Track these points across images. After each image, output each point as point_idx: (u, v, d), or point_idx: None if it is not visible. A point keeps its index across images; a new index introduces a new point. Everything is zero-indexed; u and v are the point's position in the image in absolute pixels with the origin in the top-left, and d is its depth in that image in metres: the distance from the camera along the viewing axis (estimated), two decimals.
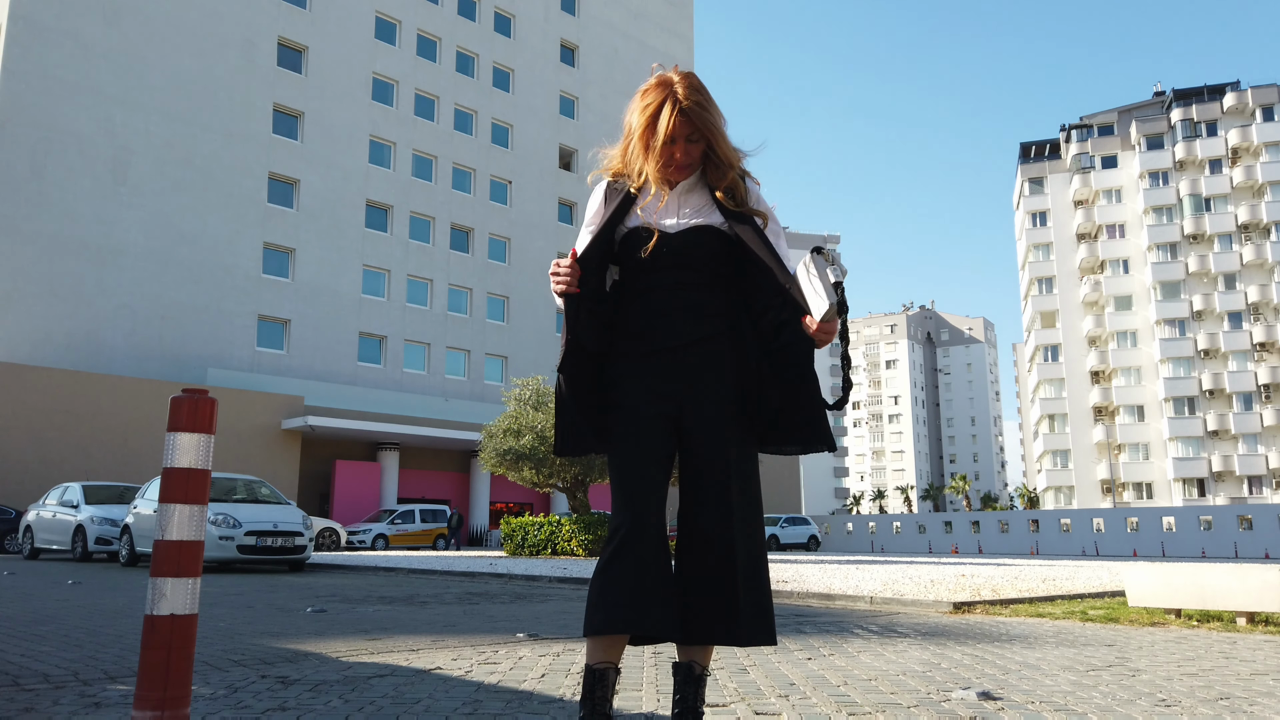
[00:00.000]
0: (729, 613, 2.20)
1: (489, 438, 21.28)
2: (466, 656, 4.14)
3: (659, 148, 2.25)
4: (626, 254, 2.36)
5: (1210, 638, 5.26)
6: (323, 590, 9.08)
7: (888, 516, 44.22)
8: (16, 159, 30.46)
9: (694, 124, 2.25)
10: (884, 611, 7.13)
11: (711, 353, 2.30)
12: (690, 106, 2.24)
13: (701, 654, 2.28)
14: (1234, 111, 68.70)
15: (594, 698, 2.17)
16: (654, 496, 2.23)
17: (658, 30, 52.19)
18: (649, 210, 2.34)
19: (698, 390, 2.29)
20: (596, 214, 2.40)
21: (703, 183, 2.37)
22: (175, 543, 2.30)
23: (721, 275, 2.35)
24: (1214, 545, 34.15)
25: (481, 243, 42.62)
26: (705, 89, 2.29)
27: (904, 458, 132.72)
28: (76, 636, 4.87)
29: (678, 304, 2.30)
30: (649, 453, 2.25)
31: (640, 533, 2.19)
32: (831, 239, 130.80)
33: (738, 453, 2.30)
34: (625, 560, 2.16)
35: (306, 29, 38.23)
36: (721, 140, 2.30)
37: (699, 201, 2.36)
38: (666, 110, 2.23)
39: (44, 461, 27.57)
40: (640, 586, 2.15)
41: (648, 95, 2.30)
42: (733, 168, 2.34)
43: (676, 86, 2.27)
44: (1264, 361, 64.96)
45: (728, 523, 2.23)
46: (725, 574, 2.21)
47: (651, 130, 2.25)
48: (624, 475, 2.24)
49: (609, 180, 2.44)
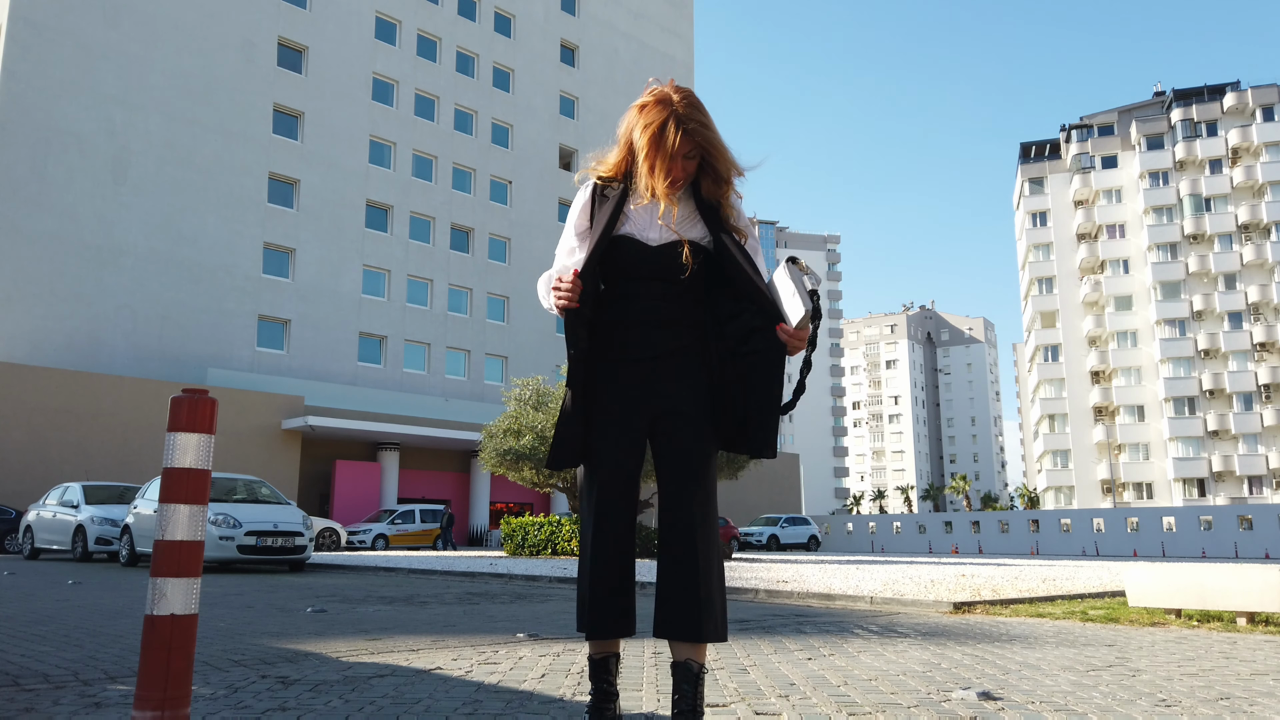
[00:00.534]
0: (697, 609, 2.26)
1: (489, 438, 21.28)
2: (467, 656, 4.14)
3: (667, 166, 2.28)
4: (609, 261, 2.40)
5: (1210, 638, 5.26)
6: (323, 590, 9.08)
7: (888, 516, 44.21)
8: (16, 159, 30.46)
9: (694, 142, 2.30)
10: (884, 611, 7.13)
11: (686, 363, 2.37)
12: (693, 127, 2.28)
13: (696, 651, 2.30)
14: (1234, 111, 68.69)
15: (599, 680, 2.36)
16: (626, 510, 2.34)
17: (658, 30, 52.19)
18: (637, 221, 2.38)
19: (673, 400, 2.35)
20: (582, 217, 2.45)
21: (689, 195, 2.41)
22: (175, 543, 2.30)
23: (698, 288, 2.41)
24: (1214, 545, 34.14)
25: (481, 243, 42.63)
26: (703, 106, 2.34)
27: (904, 458, 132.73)
28: (77, 636, 4.87)
29: (656, 315, 2.37)
30: (623, 467, 2.34)
31: (609, 543, 2.31)
32: (831, 239, 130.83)
33: (706, 460, 2.36)
34: (598, 569, 2.30)
35: (306, 29, 38.23)
36: (721, 157, 2.34)
37: (683, 213, 2.40)
38: (671, 129, 2.27)
39: (44, 461, 27.57)
40: (611, 595, 2.30)
41: (649, 113, 2.32)
42: (729, 183, 2.38)
43: (677, 105, 2.30)
44: (1264, 361, 64.95)
45: (694, 530, 2.30)
46: (695, 574, 2.28)
47: (657, 149, 2.28)
48: (600, 489, 2.33)
49: (596, 183, 2.47)
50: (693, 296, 2.41)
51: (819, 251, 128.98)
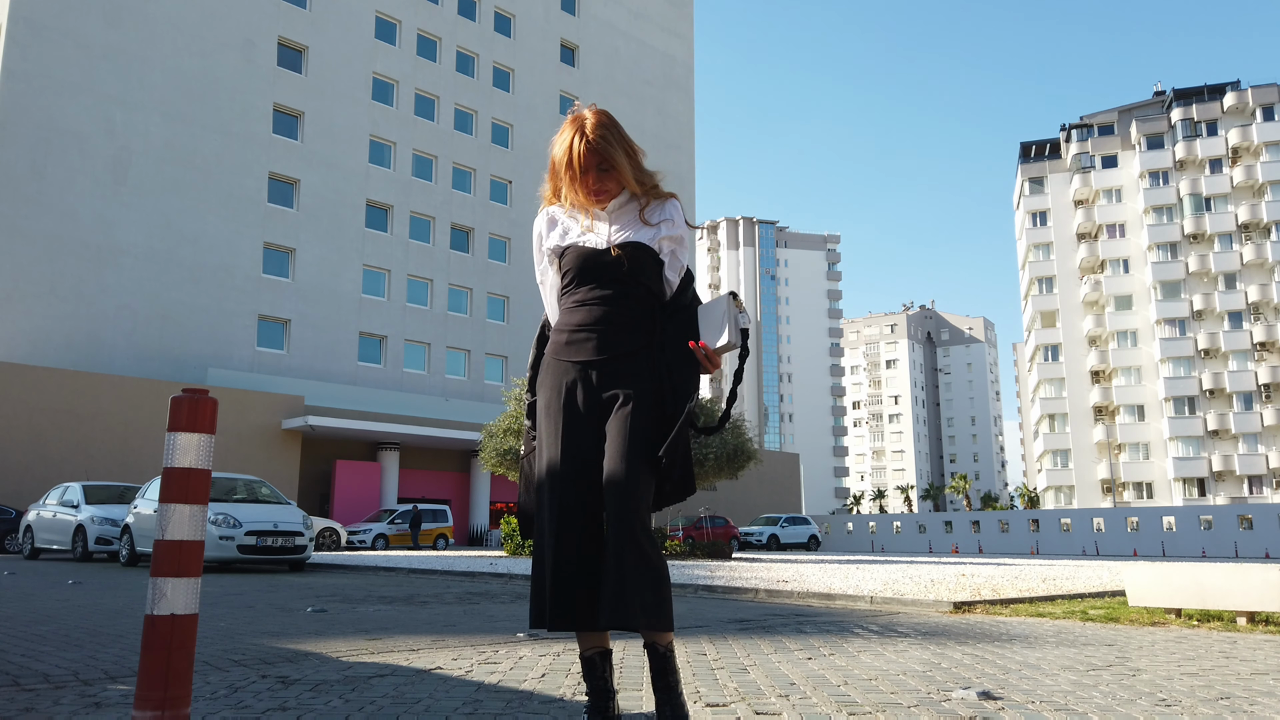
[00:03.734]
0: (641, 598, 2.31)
1: (489, 437, 21.29)
2: (467, 656, 4.14)
3: (578, 177, 2.47)
4: (561, 269, 2.56)
5: (1210, 637, 5.26)
6: (323, 590, 9.09)
7: (888, 516, 44.22)
8: (16, 159, 30.46)
9: (600, 155, 2.45)
10: (884, 611, 7.13)
11: (636, 366, 2.46)
12: (595, 140, 2.44)
13: (652, 635, 2.37)
14: (1234, 111, 68.68)
15: (593, 677, 2.44)
16: (584, 505, 2.39)
17: (658, 30, 52.19)
18: (582, 229, 2.55)
19: (624, 401, 2.42)
20: (539, 243, 2.63)
21: (632, 202, 2.57)
22: (175, 543, 2.30)
23: (645, 288, 2.52)
24: (1214, 545, 34.15)
25: (481, 243, 42.63)
26: (614, 123, 2.50)
27: (904, 457, 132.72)
28: (77, 636, 4.87)
29: (606, 317, 2.47)
30: (582, 460, 2.41)
31: (567, 538, 2.36)
32: (831, 239, 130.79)
33: (648, 457, 2.41)
34: (556, 564, 2.35)
35: (306, 29, 38.22)
36: (625, 169, 2.48)
37: (626, 218, 2.55)
38: (576, 144, 2.45)
39: (44, 461, 27.57)
40: (570, 587, 2.35)
41: (562, 132, 2.51)
42: (640, 193, 2.54)
43: (585, 123, 2.47)
44: (1264, 361, 64.94)
45: (633, 525, 2.34)
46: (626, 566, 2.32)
47: (565, 165, 2.48)
48: (558, 481, 2.39)
49: (546, 209, 2.65)
50: (644, 297, 2.51)
51: (819, 251, 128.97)
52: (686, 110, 52.91)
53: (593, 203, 2.50)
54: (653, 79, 51.24)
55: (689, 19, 54.45)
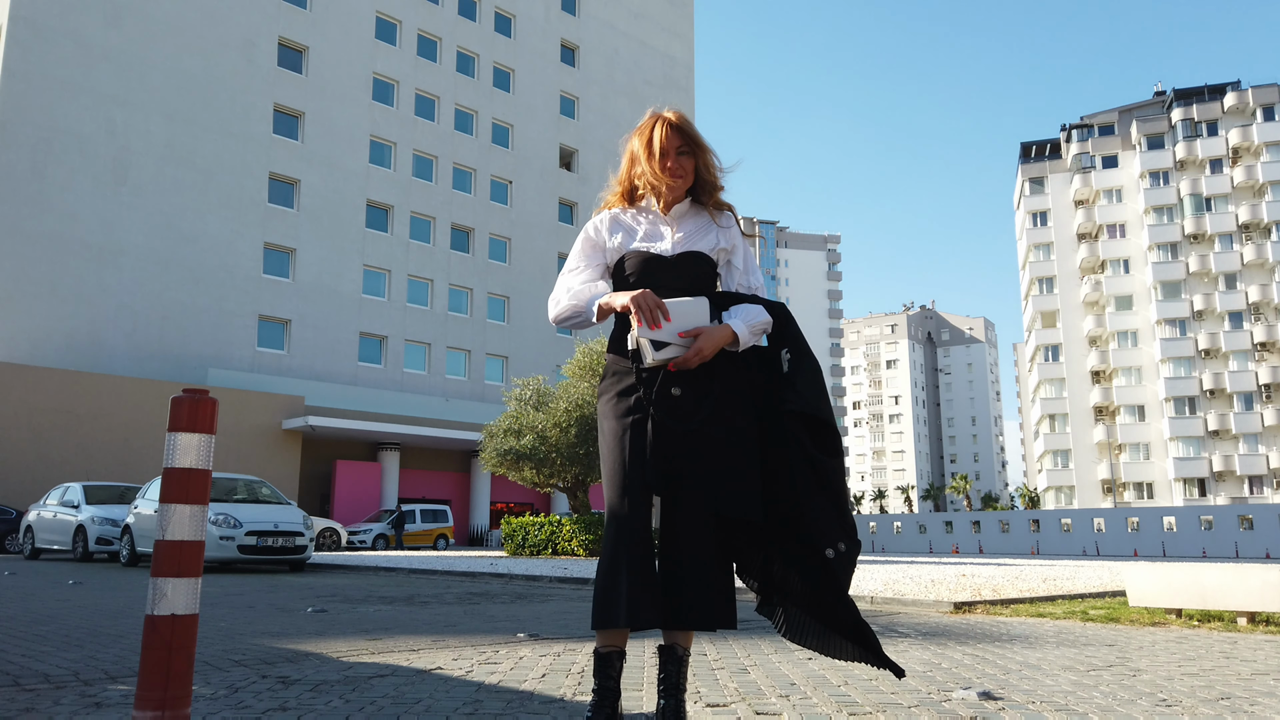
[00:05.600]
0: (701, 600, 2.38)
1: (489, 438, 21.27)
2: (467, 656, 4.14)
3: (657, 155, 2.52)
4: (621, 274, 2.56)
5: (1211, 638, 5.26)
6: (323, 590, 9.09)
7: (888, 516, 44.21)
8: (17, 159, 30.47)
9: (682, 138, 2.53)
10: (885, 611, 7.13)
11: (697, 374, 2.46)
12: (679, 123, 2.54)
13: (683, 637, 2.45)
14: (1234, 111, 68.66)
15: (605, 676, 2.40)
16: (645, 505, 2.42)
17: (658, 30, 52.20)
18: (647, 235, 2.57)
19: (686, 410, 2.45)
20: (595, 238, 2.61)
21: (696, 206, 2.61)
22: (176, 543, 2.30)
23: (709, 297, 2.54)
24: (1215, 545, 34.14)
25: (482, 243, 42.63)
26: (692, 124, 2.59)
27: (904, 458, 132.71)
28: (77, 636, 4.87)
29: None
30: (644, 465, 2.42)
31: (632, 535, 2.37)
32: (831, 239, 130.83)
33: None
34: (620, 561, 2.35)
35: (307, 29, 38.23)
36: (705, 153, 2.57)
37: (692, 226, 2.58)
38: (659, 126, 2.54)
39: (44, 461, 27.58)
40: (635, 587, 2.33)
41: (642, 124, 2.60)
42: (718, 185, 2.61)
43: (669, 112, 2.58)
44: (1264, 361, 64.91)
45: (703, 525, 2.41)
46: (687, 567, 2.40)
47: (649, 145, 2.54)
48: (624, 484, 2.41)
49: (609, 210, 2.66)
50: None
51: (819, 251, 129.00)
52: (686, 110, 52.88)
53: (669, 180, 2.53)
54: (653, 79, 51.25)
55: (689, 19, 54.46)
